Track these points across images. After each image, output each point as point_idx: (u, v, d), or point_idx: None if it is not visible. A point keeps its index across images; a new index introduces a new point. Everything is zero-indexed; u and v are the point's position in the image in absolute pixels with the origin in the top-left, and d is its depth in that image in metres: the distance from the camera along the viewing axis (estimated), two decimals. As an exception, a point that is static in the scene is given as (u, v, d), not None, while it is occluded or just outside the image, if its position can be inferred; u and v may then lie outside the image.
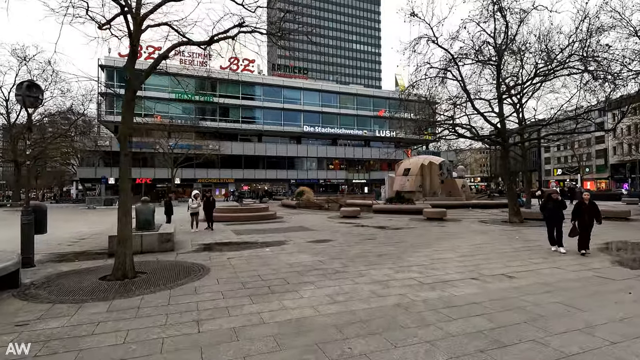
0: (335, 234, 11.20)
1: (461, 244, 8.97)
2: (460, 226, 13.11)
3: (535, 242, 9.21)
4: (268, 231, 12.01)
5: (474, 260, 7.09)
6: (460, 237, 10.33)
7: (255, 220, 15.67)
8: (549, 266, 6.57)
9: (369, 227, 13.20)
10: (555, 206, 7.97)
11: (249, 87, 53.09)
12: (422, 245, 8.93)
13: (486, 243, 9.15)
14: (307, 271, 6.14)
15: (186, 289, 5.11)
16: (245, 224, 14.67)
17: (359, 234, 11.04)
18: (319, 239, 10.12)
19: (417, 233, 11.14)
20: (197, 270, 6.30)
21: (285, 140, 55.99)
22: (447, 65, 13.39)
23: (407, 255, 7.61)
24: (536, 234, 10.82)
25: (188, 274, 6.04)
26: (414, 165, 27.38)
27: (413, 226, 13.22)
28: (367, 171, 58.99)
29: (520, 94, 14.67)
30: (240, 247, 8.89)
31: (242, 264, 6.81)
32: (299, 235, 10.82)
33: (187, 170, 48.10)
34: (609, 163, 66.23)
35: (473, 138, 14.44)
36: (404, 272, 6.06)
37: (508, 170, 13.87)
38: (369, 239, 9.96)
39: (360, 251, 8.06)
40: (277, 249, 8.46)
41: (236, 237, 10.52)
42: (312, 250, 8.17)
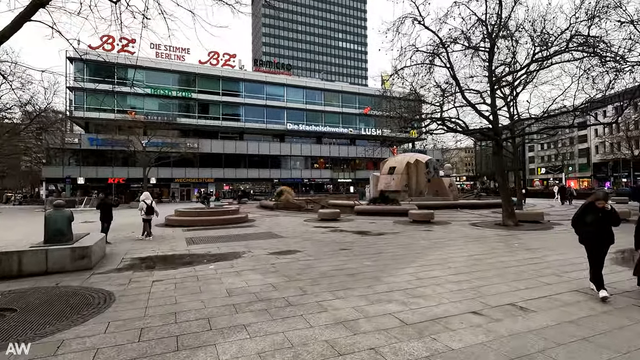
0: (306, 242, 9.54)
1: (453, 256, 7.44)
2: (450, 230, 11.65)
3: (539, 252, 7.77)
4: (228, 239, 10.25)
5: (472, 279, 5.55)
6: (452, 245, 8.83)
7: (221, 225, 13.86)
8: (566, 288, 5.07)
9: (348, 232, 11.59)
10: (600, 220, 4.81)
11: (230, 83, 50.89)
12: (407, 257, 7.36)
13: (483, 254, 7.65)
14: (247, 304, 4.45)
15: (48, 346, 3.35)
16: (208, 229, 12.86)
17: (334, 242, 9.41)
18: (284, 249, 8.43)
19: (401, 241, 9.58)
20: (95, 304, 4.52)
21: (268, 138, 54.03)
22: (436, 50, 11.90)
23: (387, 273, 6.00)
24: (537, 240, 9.42)
25: (78, 311, 4.27)
26: (400, 164, 25.99)
27: (397, 231, 11.69)
28: (353, 170, 57.61)
29: (513, 83, 13.34)
30: (181, 262, 7.12)
31: (166, 291, 5.06)
32: (262, 245, 9.11)
33: (164, 170, 45.58)
34: (592, 162, 66.83)
35: (464, 132, 13.03)
36: (381, 304, 4.44)
37: (502, 167, 12.51)
38: (344, 249, 8.33)
39: (329, 268, 6.42)
40: (225, 265, 6.73)
41: (184, 249, 8.72)
42: (268, 268, 6.48)
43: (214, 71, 49.94)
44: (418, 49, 11.63)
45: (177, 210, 14.97)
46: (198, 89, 49.15)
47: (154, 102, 47.24)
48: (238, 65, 52.10)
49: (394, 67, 11.92)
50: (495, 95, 12.73)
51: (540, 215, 13.25)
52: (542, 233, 10.82)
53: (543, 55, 11.73)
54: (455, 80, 12.07)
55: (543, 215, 13.39)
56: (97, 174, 42.67)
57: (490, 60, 12.47)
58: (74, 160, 43.73)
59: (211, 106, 50.09)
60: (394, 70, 11.91)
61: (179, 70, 48.15)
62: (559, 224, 13.16)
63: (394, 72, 12.03)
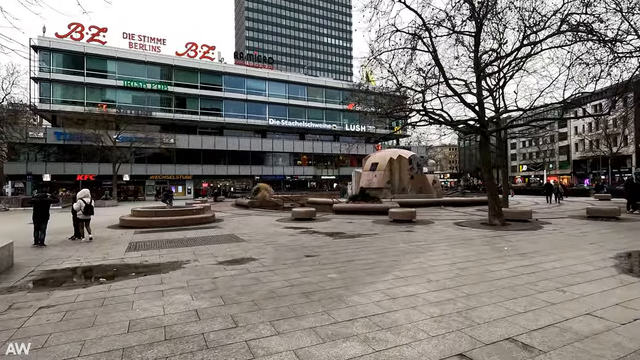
0: (268, 247, 8.24)
1: (435, 264, 6.30)
2: (433, 231, 10.57)
3: (533, 257, 6.72)
4: (179, 244, 8.85)
5: (457, 298, 4.40)
6: (434, 249, 7.71)
7: (181, 227, 12.41)
8: (576, 311, 3.97)
9: (320, 233, 10.36)
10: None
11: (209, 76, 48.82)
12: (381, 266, 6.18)
13: (469, 261, 6.54)
14: (144, 348, 3.14)
15: None
16: (165, 231, 11.39)
17: (301, 247, 8.15)
18: (238, 257, 7.12)
19: (377, 244, 8.41)
20: None
21: (249, 134, 52.24)
22: (418, 32, 10.74)
23: (352, 290, 4.79)
24: (528, 242, 8.42)
25: None
26: (382, 160, 24.96)
27: (375, 232, 10.53)
28: (337, 167, 56.52)
29: (501, 70, 12.35)
30: (101, 277, 5.73)
31: (45, 325, 3.68)
32: (215, 251, 7.76)
33: (138, 166, 43.38)
34: (572, 159, 67.83)
35: (448, 123, 11.96)
36: (335, 342, 3.21)
37: (488, 161, 11.51)
38: (309, 256, 7.08)
39: (283, 283, 5.16)
40: (153, 281, 5.37)
41: (118, 257, 7.28)
42: (205, 284, 5.16)
43: (192, 63, 47.79)
44: (398, 29, 10.45)
45: (134, 210, 13.42)
46: (175, 82, 46.93)
47: (127, 94, 44.79)
48: (218, 58, 50.05)
49: (371, 50, 10.71)
50: (481, 85, 11.70)
51: (528, 214, 12.37)
52: (532, 233, 9.87)
53: (533, 39, 10.76)
54: (438, 65, 10.96)
55: (531, 214, 12.50)
56: (64, 170, 40.07)
57: (476, 45, 11.43)
58: (41, 156, 40.87)
59: (189, 100, 47.94)
60: (371, 53, 10.70)
61: (154, 62, 45.76)
62: (548, 222, 12.31)
63: (371, 56, 10.82)
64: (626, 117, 49.63)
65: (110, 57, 43.62)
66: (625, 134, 52.73)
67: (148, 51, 45.81)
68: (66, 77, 41.78)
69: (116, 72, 43.96)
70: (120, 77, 44.10)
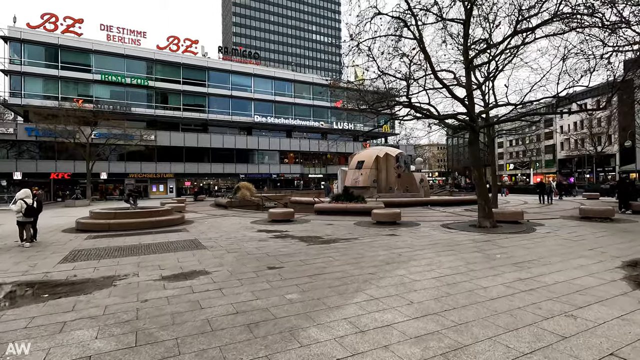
0: (229, 255, 7.16)
1: (418, 278, 5.33)
2: (418, 234, 9.65)
3: (530, 268, 5.83)
4: (127, 252, 7.69)
5: (443, 330, 3.42)
6: (417, 258, 6.76)
7: (142, 230, 11.20)
8: (602, 345, 3.03)
9: (294, 238, 9.32)
10: None
11: (192, 71, 47.11)
12: (354, 282, 5.18)
13: (457, 273, 5.60)
14: None
15: None
16: (121, 235, 10.18)
17: (267, 256, 7.10)
18: (188, 270, 6.03)
19: (354, 252, 7.42)
20: None
21: (234, 131, 50.74)
22: (403, 16, 9.76)
23: (312, 320, 3.77)
24: (522, 248, 7.54)
25: None
26: (369, 158, 24.07)
27: (355, 236, 9.55)
28: (324, 165, 55.58)
29: (492, 60, 11.49)
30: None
31: None
32: (163, 262, 6.64)
33: (116, 164, 41.56)
34: (557, 158, 68.42)
35: (436, 117, 11.04)
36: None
37: (478, 158, 10.65)
38: (272, 268, 6.04)
39: (227, 310, 4.09)
40: (62, 307, 4.24)
41: (44, 270, 6.09)
42: (128, 311, 4.06)
43: (174, 57, 45.99)
44: (380, 12, 9.46)
45: (92, 212, 12.13)
46: (156, 77, 45.12)
47: (105, 89, 42.78)
48: (201, 52, 48.37)
49: (351, 34, 9.69)
50: (471, 76, 10.83)
51: (520, 215, 11.57)
52: (525, 237, 9.04)
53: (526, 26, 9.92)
54: (424, 52, 10.02)
55: (523, 215, 11.72)
56: (37, 168, 37.98)
57: (465, 34, 10.54)
58: (12, 154, 38.64)
59: (171, 96, 46.20)
60: (350, 38, 9.69)
61: (134, 55, 43.84)
62: (540, 224, 11.54)
63: (352, 43, 9.80)
64: (610, 116, 50.08)
65: (87, 50, 41.58)
66: (610, 134, 53.16)
67: (127, 44, 43.89)
68: (39, 70, 39.62)
69: (93, 66, 41.95)
70: (98, 70, 42.12)
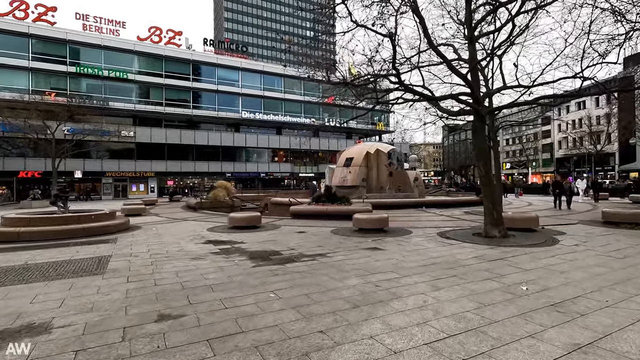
0: (124, 287, 4.89)
1: (400, 345, 3.11)
2: (409, 248, 7.44)
3: (583, 316, 3.62)
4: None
5: None
6: (403, 293, 4.53)
7: (66, 238, 8.87)
8: None
9: (244, 253, 7.05)
10: None
11: (175, 64, 44.54)
12: (282, 356, 2.95)
13: (466, 330, 3.39)
14: None
15: None
16: (25, 249, 7.85)
17: (180, 289, 4.83)
18: (29, 320, 3.74)
19: (315, 279, 5.17)
20: None
21: (221, 127, 48.27)
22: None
23: None
24: (553, 272, 5.28)
25: None
26: (358, 154, 21.84)
27: (326, 250, 7.31)
28: (316, 164, 53.31)
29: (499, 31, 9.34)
30: None
31: None
32: (7, 302, 4.37)
33: (92, 162, 39.00)
34: (555, 157, 66.83)
35: (432, 99, 8.87)
36: None
37: (485, 150, 8.50)
38: (166, 318, 3.77)
39: None
40: None
41: None
42: None
43: (156, 49, 43.40)
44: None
45: (3, 217, 9.75)
46: (136, 70, 42.53)
47: (80, 82, 40.09)
48: (185, 45, 45.83)
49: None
50: (475, 46, 8.65)
51: (535, 221, 9.43)
52: (549, 251, 6.88)
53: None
54: (418, 15, 7.82)
55: (538, 220, 9.57)
56: (3, 166, 35.27)
57: None
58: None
59: (152, 90, 43.61)
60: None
61: (112, 47, 41.16)
62: (559, 231, 9.40)
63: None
64: (610, 114, 48.43)
65: (61, 40, 38.84)
66: (609, 132, 51.52)
67: (105, 35, 41.23)
68: (7, 61, 36.83)
69: (67, 57, 39.23)
70: (72, 62, 39.43)
